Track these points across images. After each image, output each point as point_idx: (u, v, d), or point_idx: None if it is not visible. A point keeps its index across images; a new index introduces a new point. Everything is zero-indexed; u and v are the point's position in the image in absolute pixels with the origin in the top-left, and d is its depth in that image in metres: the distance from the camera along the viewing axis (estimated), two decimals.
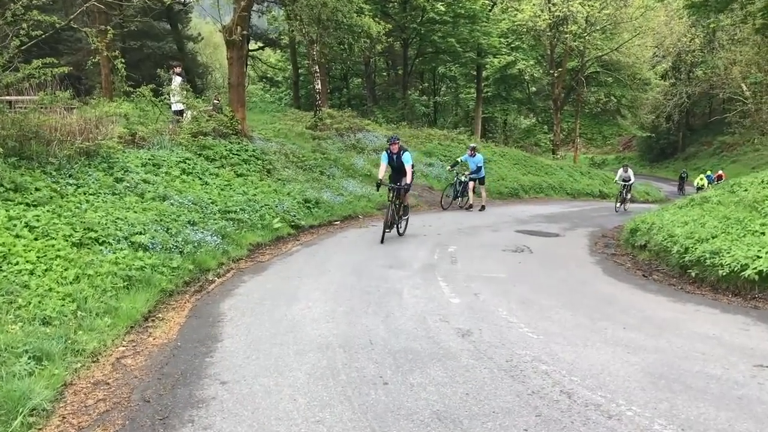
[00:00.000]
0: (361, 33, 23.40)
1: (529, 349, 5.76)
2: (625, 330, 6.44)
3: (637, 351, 5.73)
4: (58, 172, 9.44)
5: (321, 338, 6.08)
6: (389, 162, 12.54)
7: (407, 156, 12.34)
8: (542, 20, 36.44)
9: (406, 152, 12.44)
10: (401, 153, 12.33)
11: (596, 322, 6.76)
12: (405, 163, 12.24)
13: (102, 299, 6.57)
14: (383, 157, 12.64)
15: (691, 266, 9.28)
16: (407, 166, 12.21)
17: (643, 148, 66.31)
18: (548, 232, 15.05)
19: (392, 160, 12.49)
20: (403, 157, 12.29)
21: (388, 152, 12.53)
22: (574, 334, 6.29)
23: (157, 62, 25.71)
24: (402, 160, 12.29)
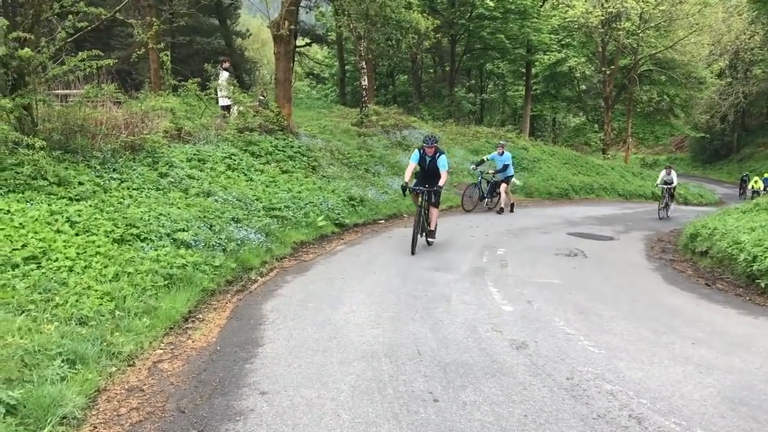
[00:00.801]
0: (409, 28, 23.00)
1: (590, 365, 5.33)
2: (694, 345, 5.96)
3: (711, 370, 5.25)
4: (102, 167, 9.32)
5: (366, 346, 5.75)
6: (420, 163, 11.07)
7: (444, 160, 10.86)
8: (594, 16, 35.48)
9: (443, 155, 10.93)
10: (437, 156, 10.86)
11: (661, 336, 6.28)
12: (440, 168, 10.80)
13: (141, 298, 6.35)
14: (413, 157, 11.10)
15: (760, 276, 8.68)
16: (443, 171, 10.79)
17: (695, 149, 64.30)
18: (601, 235, 14.47)
19: (424, 162, 11.02)
20: (438, 161, 10.83)
21: (421, 152, 11.02)
22: (639, 348, 5.84)
23: (205, 58, 25.76)
24: (437, 164, 10.85)
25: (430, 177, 11.01)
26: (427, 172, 11.06)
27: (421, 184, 10.97)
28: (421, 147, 11.05)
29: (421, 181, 11.11)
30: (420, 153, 11.01)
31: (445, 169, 10.84)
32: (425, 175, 11.11)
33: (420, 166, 11.08)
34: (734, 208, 14.66)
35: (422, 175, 11.18)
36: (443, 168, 10.78)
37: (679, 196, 32.44)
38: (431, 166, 10.94)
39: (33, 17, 8.42)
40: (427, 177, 11.06)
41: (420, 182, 11.09)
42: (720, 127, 55.14)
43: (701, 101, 48.21)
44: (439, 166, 10.80)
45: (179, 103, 15.24)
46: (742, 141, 59.26)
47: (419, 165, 11.06)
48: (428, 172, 11.04)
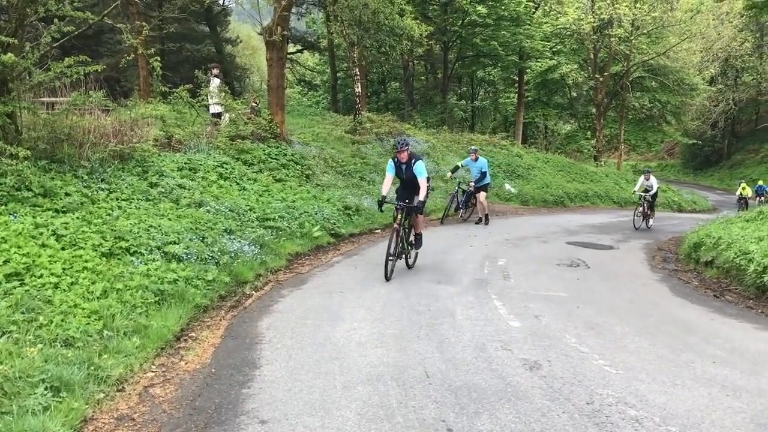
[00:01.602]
0: (402, 35, 22.76)
1: (610, 388, 5.02)
2: (716, 365, 5.67)
3: (739, 393, 4.96)
4: (89, 177, 8.96)
5: (370, 368, 5.42)
6: (397, 174, 9.61)
7: (420, 167, 9.34)
8: (587, 23, 35.40)
9: (419, 161, 9.44)
10: (412, 163, 9.39)
11: (680, 354, 5.99)
12: (417, 175, 9.28)
13: (131, 316, 6.01)
14: (389, 168, 9.63)
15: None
16: (420, 179, 9.26)
17: (686, 156, 64.28)
18: (601, 244, 14.21)
19: (400, 172, 9.55)
20: (414, 168, 9.33)
21: (395, 161, 9.55)
22: (658, 368, 5.54)
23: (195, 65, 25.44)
24: (413, 171, 9.34)
25: (410, 188, 9.60)
26: (407, 183, 9.67)
27: (402, 198, 9.60)
28: (393, 155, 9.67)
29: (401, 193, 9.76)
30: (395, 162, 9.56)
31: (424, 177, 9.31)
32: (405, 186, 9.75)
33: (398, 177, 9.69)
34: (736, 216, 14.45)
35: (402, 187, 9.84)
36: (420, 176, 9.28)
37: (673, 203, 32.37)
38: (409, 175, 9.49)
39: (17, 21, 8.07)
40: (407, 188, 9.68)
41: (400, 195, 9.72)
42: (711, 134, 55.24)
43: (692, 108, 48.23)
44: (416, 173, 9.31)
45: (169, 110, 14.91)
46: (733, 147, 59.37)
47: (397, 176, 9.66)
48: (407, 183, 9.65)
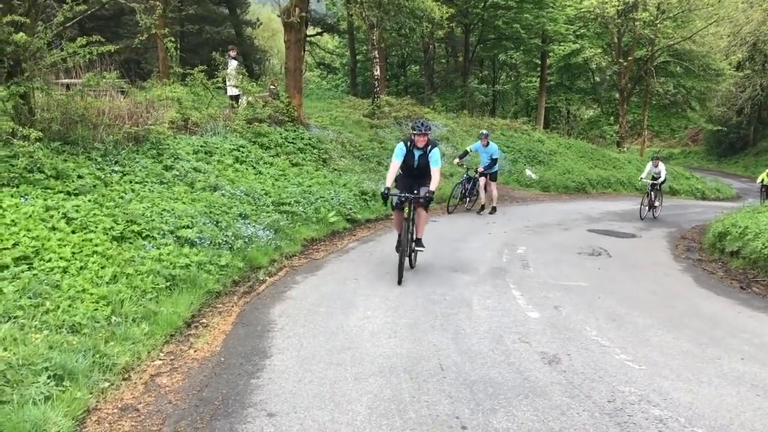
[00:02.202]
0: (423, 17, 22.38)
1: (632, 385, 4.82)
2: (744, 362, 5.43)
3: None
4: (103, 159, 8.86)
5: (383, 359, 5.26)
6: (406, 160, 8.34)
7: (437, 154, 8.25)
8: (611, 6, 34.70)
9: (436, 148, 8.32)
10: (429, 150, 8.26)
11: (705, 349, 5.76)
12: (432, 164, 8.20)
13: (140, 302, 5.89)
14: (398, 152, 8.32)
15: None
16: (434, 169, 8.20)
17: (710, 142, 63.14)
18: (623, 232, 13.92)
19: (411, 158, 8.33)
20: (431, 155, 8.23)
21: (407, 145, 8.31)
22: (683, 364, 5.32)
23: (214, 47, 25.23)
24: (428, 159, 8.24)
25: (418, 178, 8.41)
26: (415, 172, 8.41)
27: (407, 189, 8.32)
28: (408, 138, 8.43)
29: (406, 184, 8.43)
30: (407, 146, 8.32)
31: (438, 167, 8.24)
32: (412, 175, 8.46)
33: (405, 164, 8.37)
34: (763, 205, 14.07)
35: (407, 176, 8.52)
36: (435, 165, 8.21)
37: (696, 190, 31.81)
38: (421, 164, 8.32)
39: (29, 1, 7.94)
40: (415, 178, 8.44)
41: (404, 186, 8.39)
42: (736, 120, 54.14)
43: (718, 93, 47.27)
44: (431, 162, 8.22)
45: (186, 92, 14.77)
46: (759, 134, 58.18)
47: (404, 163, 8.36)
48: (417, 172, 8.40)
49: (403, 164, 8.35)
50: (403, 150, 8.30)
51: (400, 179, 8.48)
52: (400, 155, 8.29)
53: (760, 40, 47.06)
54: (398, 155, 8.30)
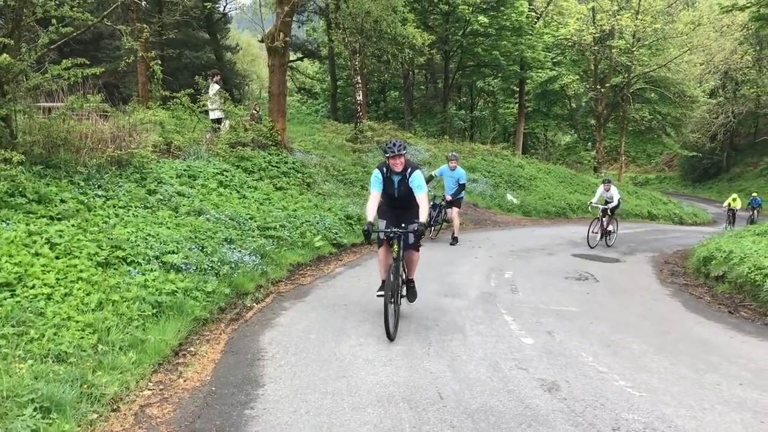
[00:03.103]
0: (404, 44, 22.56)
1: (635, 412, 4.74)
2: (744, 387, 5.39)
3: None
4: (86, 183, 8.67)
5: (380, 387, 5.13)
6: (385, 189, 7.07)
7: (419, 178, 6.91)
8: (588, 34, 35.31)
9: (417, 171, 6.99)
10: (408, 173, 6.93)
11: (703, 375, 5.71)
12: (416, 190, 6.86)
13: (127, 330, 5.71)
14: (374, 181, 7.05)
15: None
16: (420, 195, 6.83)
17: (685, 168, 64.17)
18: (607, 256, 13.95)
19: (392, 187, 7.06)
20: (411, 179, 6.91)
21: (383, 173, 7.01)
22: (683, 390, 5.26)
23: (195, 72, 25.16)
24: (410, 184, 6.92)
25: (404, 209, 7.13)
26: (398, 202, 7.17)
27: (392, 223, 7.11)
28: (383, 163, 7.08)
29: (391, 216, 7.20)
30: (383, 173, 7.02)
31: (423, 192, 6.87)
32: (396, 206, 7.21)
33: (386, 193, 7.10)
34: (746, 230, 14.21)
35: (391, 207, 7.25)
36: (420, 191, 6.84)
37: (674, 215, 32.15)
38: (403, 191, 7.04)
39: (13, 22, 7.81)
40: (401, 209, 7.17)
41: (390, 219, 7.19)
42: (710, 146, 55.10)
43: (692, 120, 48.12)
44: (413, 187, 6.88)
45: (169, 116, 14.65)
46: (732, 160, 59.28)
47: (385, 192, 7.09)
48: (400, 202, 7.15)
49: (384, 194, 7.06)
50: (380, 178, 6.98)
51: (385, 212, 7.26)
52: (377, 184, 6.99)
53: (732, 69, 48.17)
54: (375, 185, 7.01)
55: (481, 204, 21.14)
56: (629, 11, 34.96)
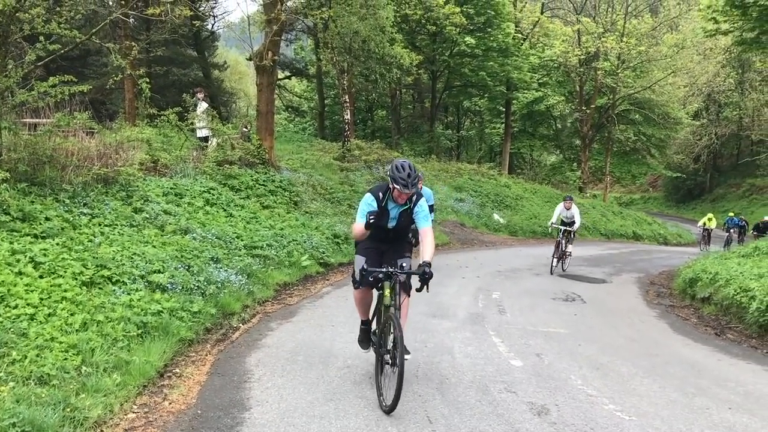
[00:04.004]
0: (392, 63, 22.66)
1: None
2: (733, 411, 5.38)
3: None
4: (71, 201, 8.58)
5: (369, 411, 5.07)
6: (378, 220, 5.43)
7: (425, 207, 5.64)
8: (573, 56, 35.71)
9: (423, 199, 5.67)
10: (413, 202, 5.56)
11: (693, 399, 5.70)
12: (421, 223, 5.55)
13: (112, 351, 5.62)
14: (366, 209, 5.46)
15: None
16: (424, 229, 5.51)
17: (669, 189, 64.75)
18: (593, 277, 14.00)
19: (386, 218, 5.60)
20: (417, 210, 5.58)
21: (378, 198, 5.55)
22: (672, 414, 5.24)
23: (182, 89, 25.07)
24: (415, 216, 5.58)
25: (393, 242, 5.86)
26: (390, 235, 5.76)
27: (376, 262, 5.66)
28: (381, 188, 5.64)
29: (375, 254, 5.77)
30: (378, 199, 5.54)
31: (429, 225, 5.58)
32: (385, 239, 5.78)
33: (377, 225, 5.43)
34: (731, 252, 14.30)
35: (377, 241, 5.74)
36: (426, 224, 5.53)
37: (659, 236, 32.34)
38: (402, 223, 5.68)
39: (0, 38, 7.75)
40: (386, 244, 5.82)
41: (373, 257, 5.71)
42: (693, 168, 55.69)
43: (676, 141, 48.68)
44: (419, 220, 5.54)
45: (156, 134, 14.57)
46: (715, 181, 59.89)
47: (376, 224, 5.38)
48: (393, 235, 5.77)
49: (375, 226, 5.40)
50: (373, 206, 5.47)
51: (368, 247, 5.77)
52: (364, 213, 5.42)
53: (715, 91, 48.87)
54: (362, 213, 5.46)
55: (468, 223, 21.17)
56: (614, 34, 35.38)
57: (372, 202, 5.53)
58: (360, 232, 5.49)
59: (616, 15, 37.44)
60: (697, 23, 32.01)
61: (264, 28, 15.88)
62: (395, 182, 5.28)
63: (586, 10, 39.43)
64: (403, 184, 5.23)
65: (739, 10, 17.37)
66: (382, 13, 19.50)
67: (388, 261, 5.65)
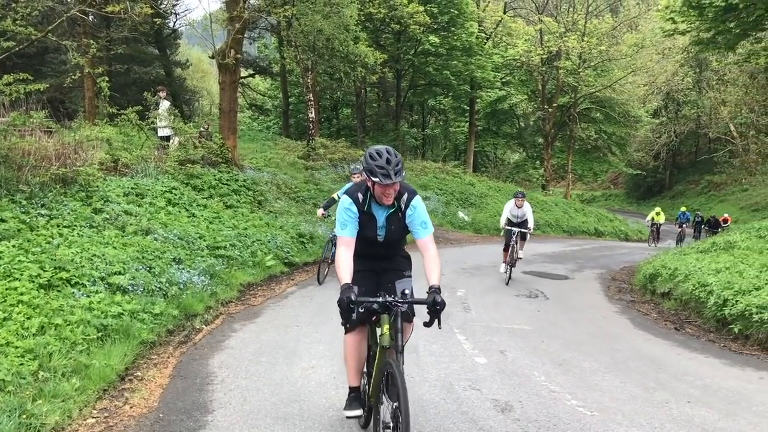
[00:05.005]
0: (357, 62, 22.63)
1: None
2: (691, 405, 5.48)
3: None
4: (28, 202, 8.38)
5: (333, 411, 5.06)
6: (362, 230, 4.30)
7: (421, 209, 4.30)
8: (536, 55, 36.11)
9: (417, 198, 4.33)
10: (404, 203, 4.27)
11: (653, 393, 5.80)
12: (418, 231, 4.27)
13: (70, 355, 5.50)
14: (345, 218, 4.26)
15: (732, 321, 8.36)
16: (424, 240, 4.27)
17: (629, 186, 65.94)
18: (556, 274, 14.16)
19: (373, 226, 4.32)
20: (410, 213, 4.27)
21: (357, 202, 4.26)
22: (634, 409, 5.32)
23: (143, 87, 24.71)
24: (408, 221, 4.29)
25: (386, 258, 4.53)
26: (380, 249, 4.44)
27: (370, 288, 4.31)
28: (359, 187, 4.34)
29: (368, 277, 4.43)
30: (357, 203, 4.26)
31: (430, 234, 4.30)
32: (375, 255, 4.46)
33: (362, 236, 4.31)
34: (690, 247, 14.59)
35: (367, 258, 4.42)
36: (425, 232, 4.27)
37: (620, 232, 32.85)
38: (393, 233, 4.37)
39: None
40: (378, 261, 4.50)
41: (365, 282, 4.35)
42: (653, 165, 56.77)
43: (636, 139, 49.57)
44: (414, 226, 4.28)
45: (116, 133, 14.32)
46: (674, 178, 61.11)
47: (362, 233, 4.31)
48: (383, 249, 4.46)
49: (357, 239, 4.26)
50: (354, 213, 4.23)
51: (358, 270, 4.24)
52: (351, 224, 4.23)
53: (673, 90, 49.83)
54: (348, 224, 4.22)
55: (434, 221, 21.26)
56: (575, 33, 35.86)
57: (351, 206, 4.21)
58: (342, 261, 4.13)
59: (577, 15, 37.96)
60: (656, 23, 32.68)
61: (227, 25, 15.72)
62: (372, 174, 3.98)
63: (548, 10, 39.89)
64: (383, 174, 3.92)
65: (696, 11, 17.78)
66: (346, 11, 19.46)
67: (383, 286, 4.35)
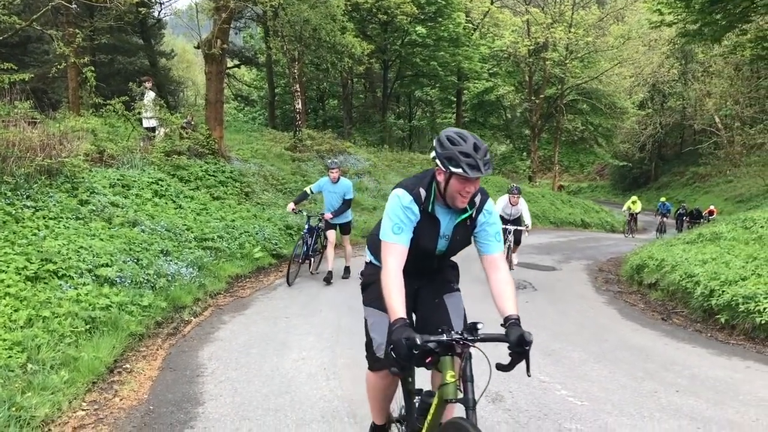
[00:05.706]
0: (343, 52, 22.55)
1: (579, 422, 4.80)
2: (680, 394, 5.52)
3: (709, 426, 4.80)
4: (13, 193, 8.28)
5: (324, 402, 5.06)
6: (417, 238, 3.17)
7: (495, 216, 3.34)
8: (522, 46, 36.13)
9: (490, 201, 3.29)
10: (478, 206, 3.22)
11: (641, 383, 5.84)
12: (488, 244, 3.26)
13: (59, 347, 5.47)
14: (404, 219, 3.10)
15: (719, 311, 8.43)
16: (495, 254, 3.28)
17: (616, 177, 66.15)
18: (543, 265, 14.22)
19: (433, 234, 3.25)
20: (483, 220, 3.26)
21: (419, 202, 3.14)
22: (623, 399, 5.36)
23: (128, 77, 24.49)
24: (480, 229, 3.27)
25: (430, 275, 3.64)
26: (434, 263, 3.53)
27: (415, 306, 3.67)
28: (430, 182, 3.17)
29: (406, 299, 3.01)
30: (419, 202, 3.15)
31: (503, 250, 3.41)
32: (423, 270, 3.52)
33: (417, 244, 3.19)
34: (676, 238, 14.69)
35: (415, 276, 3.40)
36: (496, 246, 3.31)
37: (606, 223, 33.02)
38: (458, 243, 3.38)
39: None
40: (424, 278, 3.60)
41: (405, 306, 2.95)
42: (639, 156, 57.03)
43: (622, 131, 49.80)
44: (485, 239, 3.29)
45: (101, 123, 14.18)
46: (660, 170, 61.45)
47: (416, 242, 3.17)
48: (437, 263, 3.55)
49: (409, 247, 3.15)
50: (416, 214, 3.17)
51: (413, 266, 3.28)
52: (408, 228, 3.16)
53: (659, 81, 50.01)
54: (405, 228, 3.14)
55: None
56: (562, 24, 35.89)
57: (412, 205, 3.15)
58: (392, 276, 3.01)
59: (564, 6, 38.00)
60: (643, 15, 32.85)
61: (212, 15, 15.60)
62: (452, 164, 2.92)
63: (534, 1, 39.91)
64: (469, 165, 2.89)
65: (682, 3, 17.86)
66: (333, 1, 19.37)
67: (426, 302, 3.58)
